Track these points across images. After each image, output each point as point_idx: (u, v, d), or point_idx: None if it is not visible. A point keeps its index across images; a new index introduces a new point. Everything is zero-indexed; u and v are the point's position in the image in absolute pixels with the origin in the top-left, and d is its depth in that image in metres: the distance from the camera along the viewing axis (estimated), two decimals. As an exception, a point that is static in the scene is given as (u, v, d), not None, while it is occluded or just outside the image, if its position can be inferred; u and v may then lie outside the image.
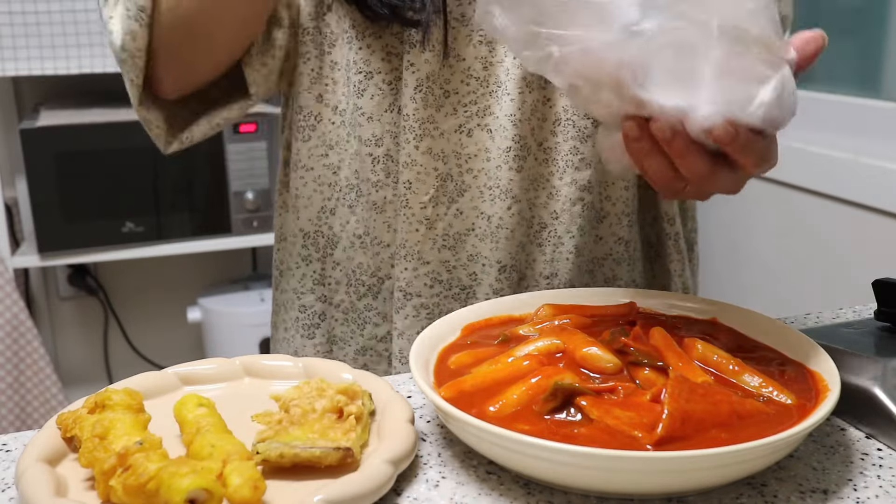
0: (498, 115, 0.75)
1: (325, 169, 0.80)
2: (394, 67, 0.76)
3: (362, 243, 0.80)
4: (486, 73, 0.75)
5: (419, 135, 0.75)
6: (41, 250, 1.84)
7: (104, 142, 1.82)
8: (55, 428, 0.53)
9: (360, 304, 0.82)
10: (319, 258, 0.83)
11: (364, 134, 0.77)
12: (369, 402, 0.53)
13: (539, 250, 0.79)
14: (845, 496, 0.50)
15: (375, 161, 0.78)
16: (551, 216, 0.78)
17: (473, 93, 0.75)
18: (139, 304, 2.27)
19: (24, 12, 1.78)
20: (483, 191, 0.77)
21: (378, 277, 0.81)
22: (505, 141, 0.75)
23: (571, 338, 0.58)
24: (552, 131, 0.77)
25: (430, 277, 0.78)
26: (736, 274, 1.86)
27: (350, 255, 0.81)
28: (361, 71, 0.76)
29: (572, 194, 0.77)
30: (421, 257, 0.77)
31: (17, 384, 1.91)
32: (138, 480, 0.45)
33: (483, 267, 0.78)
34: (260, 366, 0.61)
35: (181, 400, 0.53)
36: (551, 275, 0.79)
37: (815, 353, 0.58)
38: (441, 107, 0.75)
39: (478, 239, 0.78)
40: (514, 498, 0.50)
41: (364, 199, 0.79)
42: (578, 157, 0.77)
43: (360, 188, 0.79)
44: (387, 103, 0.76)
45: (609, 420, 0.49)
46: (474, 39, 0.74)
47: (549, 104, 0.76)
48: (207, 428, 0.50)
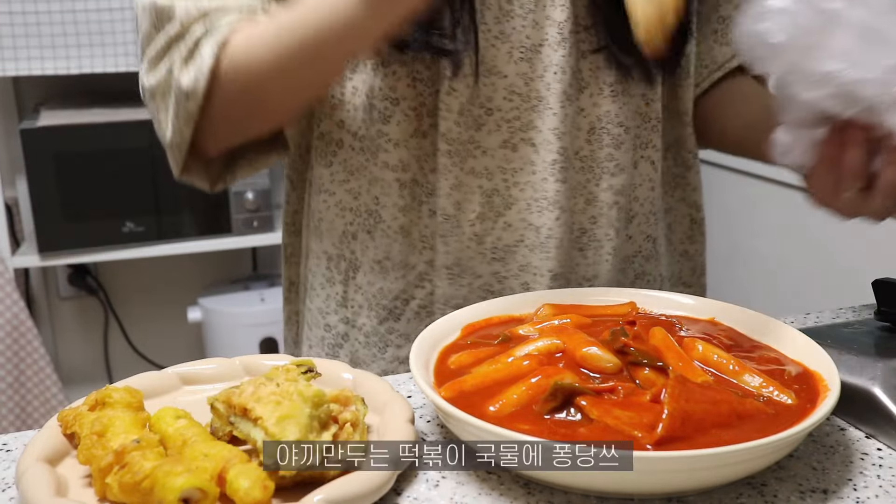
0: (542, 129, 0.76)
1: (346, 194, 0.80)
2: (419, 93, 0.76)
3: (382, 268, 0.80)
4: (527, 88, 0.76)
5: (463, 157, 0.76)
6: (41, 250, 1.84)
7: (104, 142, 1.82)
8: (56, 427, 0.53)
9: (381, 327, 0.82)
10: (342, 281, 0.83)
11: (390, 160, 0.77)
12: (363, 406, 0.53)
13: (580, 254, 0.81)
14: (845, 496, 0.50)
15: (402, 186, 0.78)
16: (590, 221, 0.80)
17: (517, 108, 0.76)
18: (139, 304, 2.27)
19: (24, 12, 1.77)
20: (530, 203, 0.77)
21: (402, 300, 0.81)
22: (550, 154, 0.76)
23: (571, 338, 0.58)
24: (587, 140, 0.78)
25: (483, 290, 0.79)
26: (736, 274, 1.86)
27: (371, 280, 0.81)
28: (387, 97, 0.76)
29: (609, 199, 0.79)
30: (473, 272, 0.78)
31: (17, 384, 1.91)
32: (133, 478, 0.45)
33: (535, 276, 0.78)
34: (260, 365, 0.61)
35: (156, 415, 0.53)
36: (592, 277, 0.81)
37: (815, 353, 0.58)
38: (483, 125, 0.76)
39: (528, 250, 0.78)
40: (514, 498, 0.50)
41: (384, 225, 0.79)
42: (613, 163, 0.79)
43: (380, 214, 0.79)
44: (412, 129, 0.77)
45: (609, 420, 0.49)
46: (515, 56, 0.75)
47: (584, 114, 0.78)
48: (194, 438, 0.50)
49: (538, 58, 0.75)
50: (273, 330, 2.06)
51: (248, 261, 2.33)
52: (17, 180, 2.08)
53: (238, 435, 0.50)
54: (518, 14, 0.75)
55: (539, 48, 0.75)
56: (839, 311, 0.80)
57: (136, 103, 1.93)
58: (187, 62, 0.69)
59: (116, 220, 1.87)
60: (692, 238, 0.90)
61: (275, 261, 2.36)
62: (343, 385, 0.58)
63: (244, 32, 0.69)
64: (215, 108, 0.70)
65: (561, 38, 0.75)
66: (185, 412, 0.53)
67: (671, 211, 0.88)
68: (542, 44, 0.75)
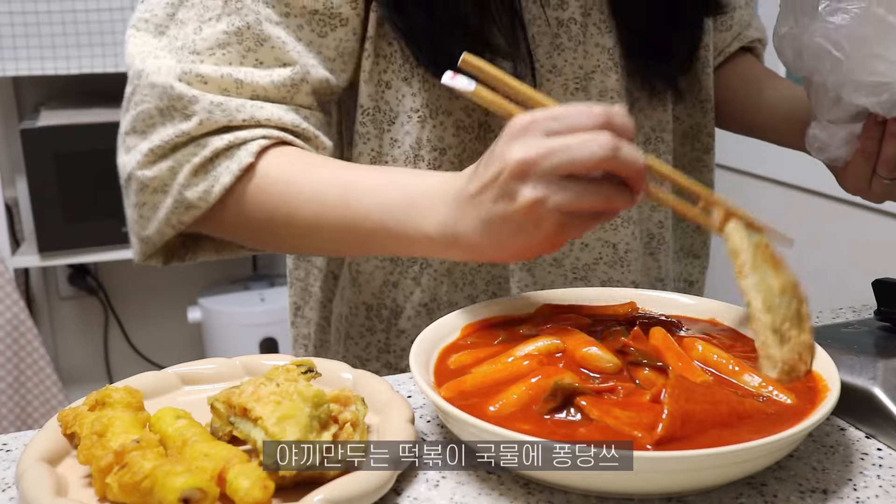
0: None
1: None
2: (461, 140, 0.75)
3: (428, 310, 0.80)
4: None
5: None
6: (41, 250, 1.84)
7: (104, 142, 1.80)
8: (56, 427, 0.53)
9: None
10: (384, 329, 0.82)
11: None
12: (363, 406, 0.53)
13: (652, 259, 0.83)
14: (845, 496, 0.50)
15: None
16: (657, 226, 0.83)
17: None
18: (139, 304, 2.27)
19: (24, 12, 1.78)
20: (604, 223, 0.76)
21: None
22: None
23: (571, 338, 0.58)
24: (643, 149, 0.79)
25: None
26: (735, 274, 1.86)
27: (416, 324, 0.80)
28: (436, 148, 0.75)
29: None
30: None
31: (17, 384, 1.91)
32: (133, 478, 0.45)
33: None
34: (260, 366, 0.61)
35: (156, 415, 0.52)
36: (664, 277, 0.84)
37: (814, 352, 0.57)
38: None
39: (608, 266, 0.79)
40: (514, 498, 0.50)
41: (431, 269, 0.78)
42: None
43: (427, 260, 0.78)
44: None
45: (609, 420, 0.49)
46: (570, 88, 0.76)
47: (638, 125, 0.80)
48: (194, 438, 0.49)
49: (592, 85, 0.76)
50: (273, 330, 2.06)
51: (248, 261, 2.33)
52: (17, 180, 2.08)
53: (238, 435, 0.50)
54: (568, 46, 0.75)
55: (591, 76, 0.76)
56: (839, 311, 0.80)
57: (136, 103, 1.94)
58: (198, 174, 0.65)
59: (116, 220, 1.87)
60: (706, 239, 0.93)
61: (275, 261, 2.36)
62: (343, 385, 0.58)
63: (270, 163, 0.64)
64: (212, 223, 0.67)
65: (612, 63, 0.76)
66: (185, 412, 0.53)
67: None
68: (595, 71, 0.76)
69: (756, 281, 0.57)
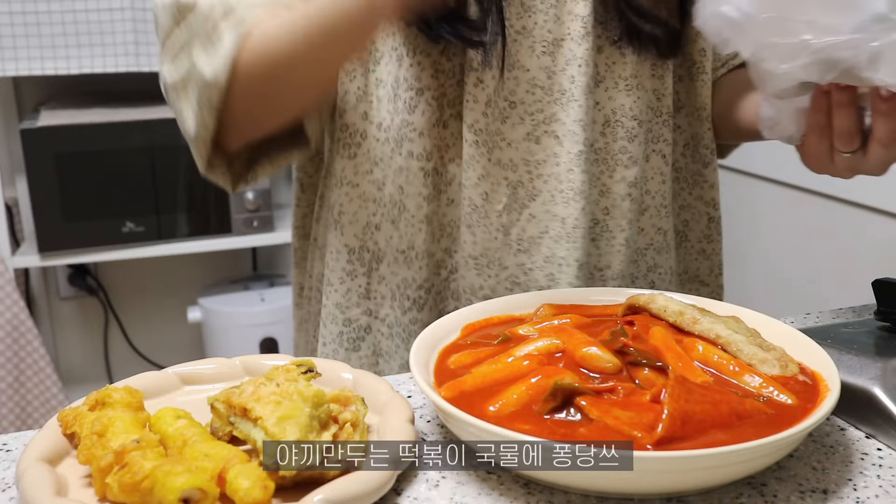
0: (565, 121, 0.78)
1: (370, 185, 0.81)
2: (441, 84, 0.78)
3: (406, 258, 0.81)
4: (549, 81, 0.77)
5: (490, 148, 0.77)
6: (41, 250, 1.84)
7: (104, 142, 1.82)
8: (56, 427, 0.53)
9: (405, 318, 0.82)
10: (365, 273, 0.83)
11: (415, 149, 0.78)
12: (363, 406, 0.53)
13: (593, 244, 0.82)
14: (845, 496, 0.50)
15: (426, 175, 0.79)
16: (603, 212, 0.82)
17: (539, 101, 0.77)
18: (139, 304, 2.27)
19: (24, 12, 1.77)
20: (555, 194, 0.79)
21: (425, 289, 0.82)
22: (575, 145, 0.78)
23: (571, 338, 0.58)
24: (602, 132, 0.80)
25: (509, 282, 0.80)
26: (736, 274, 1.86)
27: (394, 271, 0.81)
28: (412, 87, 0.77)
29: (622, 190, 0.81)
30: (500, 263, 0.79)
31: (17, 384, 1.91)
32: (133, 478, 0.45)
33: (560, 267, 0.80)
34: (260, 366, 0.61)
35: (157, 415, 0.53)
36: (605, 266, 0.83)
37: (815, 353, 0.58)
38: (507, 118, 0.77)
39: (553, 241, 0.79)
40: (514, 498, 0.50)
41: (408, 214, 0.80)
42: (627, 155, 0.81)
43: (405, 203, 0.80)
44: (435, 119, 0.78)
45: (609, 420, 0.49)
46: (537, 50, 0.77)
47: (599, 107, 0.80)
48: (194, 438, 0.49)
49: (560, 52, 0.77)
50: (273, 330, 2.06)
51: (248, 261, 2.33)
52: (17, 180, 2.08)
53: (238, 435, 0.50)
54: (540, 9, 0.77)
55: (561, 42, 0.77)
56: (839, 311, 0.80)
57: (136, 103, 1.94)
58: (208, 50, 0.69)
59: (116, 220, 1.87)
60: (709, 237, 0.91)
61: (275, 261, 2.36)
62: (343, 385, 0.58)
63: (265, 24, 0.69)
64: (237, 98, 0.69)
65: (584, 31, 0.77)
66: (185, 412, 0.53)
67: (688, 208, 0.90)
68: (565, 38, 0.77)
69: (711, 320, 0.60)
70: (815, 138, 0.67)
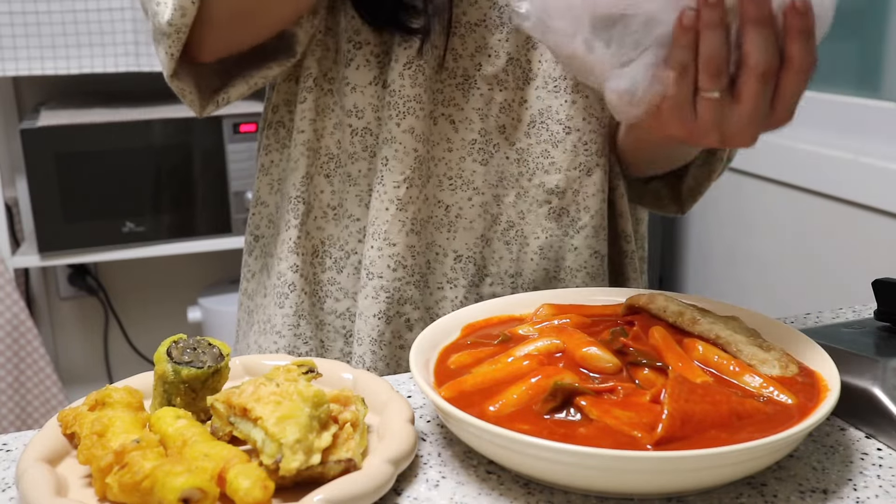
0: (463, 108, 0.76)
1: (313, 133, 0.79)
2: (384, 41, 0.76)
3: (335, 215, 0.80)
4: (455, 64, 0.76)
5: (402, 112, 0.75)
6: (41, 250, 1.84)
7: (104, 142, 1.82)
8: (56, 427, 0.53)
9: (323, 276, 0.81)
10: (297, 225, 0.81)
11: (347, 104, 0.77)
12: (363, 406, 0.53)
13: (506, 248, 0.80)
14: (845, 496, 0.50)
15: (354, 133, 0.78)
16: (518, 215, 0.80)
17: (441, 83, 0.77)
18: (139, 304, 2.27)
19: (24, 12, 1.78)
20: (443, 180, 0.78)
21: (345, 251, 0.81)
22: (470, 133, 0.77)
23: (571, 338, 0.58)
24: (526, 133, 0.78)
25: (394, 260, 0.77)
26: (735, 274, 1.86)
27: (320, 226, 0.81)
28: (351, 40, 0.76)
29: (539, 196, 0.79)
30: (388, 238, 0.77)
31: (17, 384, 1.91)
32: (133, 478, 0.45)
33: (437, 256, 0.79)
34: (260, 366, 0.61)
35: (157, 415, 0.52)
36: (516, 273, 0.80)
37: (815, 353, 0.58)
38: (427, 89, 0.76)
39: (434, 227, 0.78)
40: (514, 498, 0.50)
41: (342, 171, 0.79)
42: (549, 160, 0.78)
43: (340, 158, 0.79)
44: (371, 76, 0.76)
45: (609, 420, 0.49)
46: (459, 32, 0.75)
47: (526, 106, 0.78)
48: (194, 438, 0.49)
49: (472, 37, 0.76)
50: (273, 330, 2.06)
51: (248, 261, 2.33)
52: (17, 180, 2.08)
53: (238, 435, 0.50)
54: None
55: (475, 28, 0.76)
56: (839, 311, 0.80)
57: (136, 103, 1.94)
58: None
59: (116, 220, 1.87)
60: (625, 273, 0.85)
61: (275, 261, 2.36)
62: (343, 385, 0.59)
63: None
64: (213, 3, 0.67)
65: (500, 21, 0.75)
66: (185, 412, 0.53)
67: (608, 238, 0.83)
68: (480, 24, 0.75)
69: (710, 321, 0.60)
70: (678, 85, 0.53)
